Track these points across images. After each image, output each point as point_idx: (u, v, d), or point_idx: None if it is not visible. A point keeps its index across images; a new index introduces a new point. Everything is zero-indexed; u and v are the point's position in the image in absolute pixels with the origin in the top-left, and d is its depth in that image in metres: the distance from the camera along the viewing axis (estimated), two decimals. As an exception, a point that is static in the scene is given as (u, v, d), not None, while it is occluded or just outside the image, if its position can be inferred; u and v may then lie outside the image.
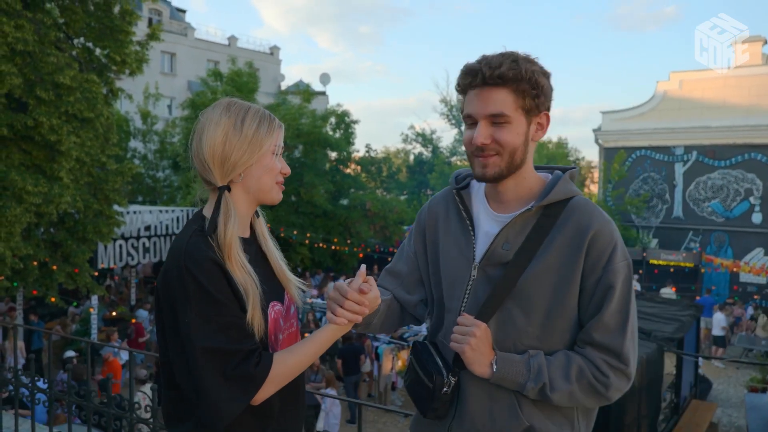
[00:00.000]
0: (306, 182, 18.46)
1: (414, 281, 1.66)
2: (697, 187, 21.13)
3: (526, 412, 1.42)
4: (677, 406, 8.60)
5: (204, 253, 1.33)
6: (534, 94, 1.39)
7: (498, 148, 1.40)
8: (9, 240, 8.42)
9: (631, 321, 1.39)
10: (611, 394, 1.37)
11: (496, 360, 1.40)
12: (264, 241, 1.55)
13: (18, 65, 8.40)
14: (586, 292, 1.39)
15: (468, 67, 1.41)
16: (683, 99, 21.28)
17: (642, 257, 19.35)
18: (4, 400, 4.65)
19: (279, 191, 1.50)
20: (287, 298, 1.54)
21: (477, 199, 1.55)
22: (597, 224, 1.39)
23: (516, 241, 1.44)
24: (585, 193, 27.41)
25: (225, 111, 1.41)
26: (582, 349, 1.40)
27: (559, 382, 1.37)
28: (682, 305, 9.59)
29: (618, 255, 1.38)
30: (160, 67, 28.43)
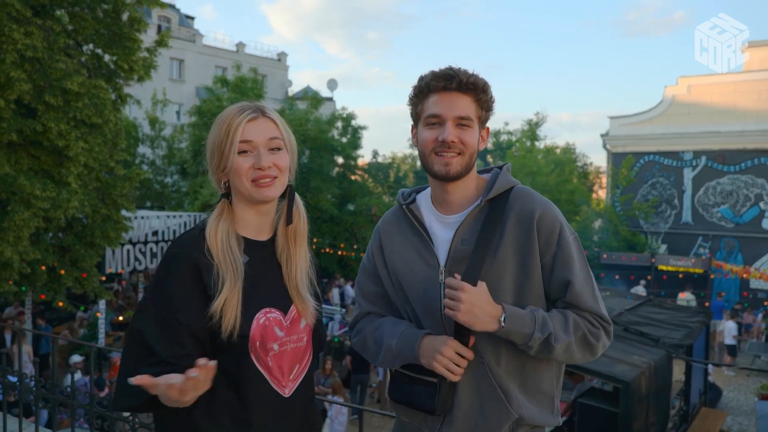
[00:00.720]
0: (312, 187, 18.50)
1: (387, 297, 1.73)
2: (707, 193, 20.98)
3: (515, 405, 1.50)
4: (686, 413, 8.51)
5: (184, 248, 1.36)
6: (488, 107, 1.57)
7: (462, 147, 1.53)
8: (17, 244, 8.47)
9: (596, 285, 1.56)
10: (599, 348, 1.52)
11: (504, 316, 1.45)
12: (286, 246, 1.49)
13: (27, 71, 8.47)
14: (546, 267, 1.52)
15: (442, 72, 1.54)
16: (692, 104, 21.16)
17: (650, 263, 19.22)
18: (12, 404, 4.66)
19: (259, 189, 1.40)
20: (294, 309, 1.47)
21: (426, 210, 1.66)
22: (540, 207, 1.53)
23: (472, 236, 1.54)
24: (593, 198, 27.30)
25: (213, 125, 1.45)
26: (567, 309, 1.52)
27: (560, 334, 1.46)
28: (691, 311, 9.51)
29: (566, 229, 1.54)
30: (168, 74, 28.61)
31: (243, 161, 1.39)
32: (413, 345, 1.51)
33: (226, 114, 1.42)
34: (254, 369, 1.38)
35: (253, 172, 1.39)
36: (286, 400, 1.43)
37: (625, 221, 21.26)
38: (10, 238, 8.31)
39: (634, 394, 6.24)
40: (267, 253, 1.47)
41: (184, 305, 1.32)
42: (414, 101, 1.60)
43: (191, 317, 1.32)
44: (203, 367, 1.15)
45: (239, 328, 1.34)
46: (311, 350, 1.52)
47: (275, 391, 1.41)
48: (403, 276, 1.62)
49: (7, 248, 8.27)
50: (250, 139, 1.39)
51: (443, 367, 1.45)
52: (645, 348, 7.21)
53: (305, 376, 1.49)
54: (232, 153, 1.38)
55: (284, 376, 1.43)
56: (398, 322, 1.62)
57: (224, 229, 1.39)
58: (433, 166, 1.54)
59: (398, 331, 1.57)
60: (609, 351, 6.82)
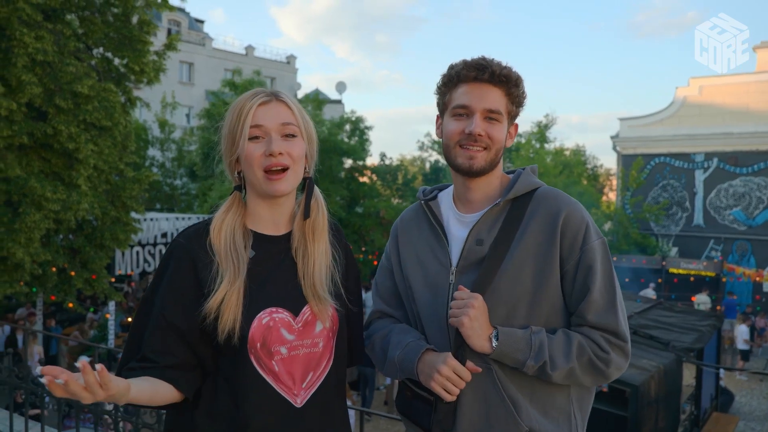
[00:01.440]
0: (321, 189, 18.49)
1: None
2: (719, 195, 20.78)
3: (524, 416, 1.40)
4: (697, 418, 8.42)
5: (184, 246, 1.32)
6: (519, 102, 1.50)
7: (488, 142, 1.45)
8: (28, 246, 8.55)
9: (619, 297, 1.42)
10: (611, 372, 1.38)
11: (497, 334, 1.37)
12: (303, 242, 1.39)
13: (38, 75, 8.55)
14: (567, 275, 1.42)
15: (474, 62, 1.46)
16: (703, 105, 20.98)
17: (661, 266, 19.06)
18: (19, 404, 4.69)
19: (269, 183, 1.32)
20: (308, 311, 1.35)
21: (445, 207, 1.59)
22: (566, 208, 1.43)
23: (489, 237, 1.46)
24: (603, 201, 27.15)
25: (226, 113, 1.39)
26: (580, 329, 1.41)
27: (560, 360, 1.36)
28: (702, 315, 9.41)
29: (592, 233, 1.43)
30: (178, 77, 28.79)
31: (254, 148, 1.30)
32: (413, 360, 1.43)
33: (239, 99, 1.35)
34: (255, 373, 1.28)
35: (264, 159, 1.30)
36: (297, 411, 1.31)
37: (635, 224, 21.08)
38: (22, 240, 8.39)
39: (644, 398, 6.18)
40: (279, 248, 1.37)
41: (172, 302, 1.27)
42: (442, 90, 1.52)
43: (178, 316, 1.27)
44: (84, 368, 1.02)
45: (239, 330, 1.25)
46: (331, 357, 1.39)
47: (284, 399, 1.30)
48: (413, 274, 1.55)
49: (19, 249, 8.34)
50: (260, 123, 1.30)
51: (439, 387, 1.37)
52: (654, 351, 7.15)
53: (322, 384, 1.36)
54: (243, 139, 1.30)
55: (295, 383, 1.31)
56: (407, 331, 1.54)
57: (230, 223, 1.32)
58: (457, 159, 1.47)
59: (404, 342, 1.48)
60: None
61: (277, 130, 1.31)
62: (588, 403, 1.50)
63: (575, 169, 22.55)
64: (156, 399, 1.25)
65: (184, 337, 1.28)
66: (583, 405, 1.49)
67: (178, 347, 1.28)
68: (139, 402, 1.21)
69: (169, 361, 1.26)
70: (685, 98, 21.48)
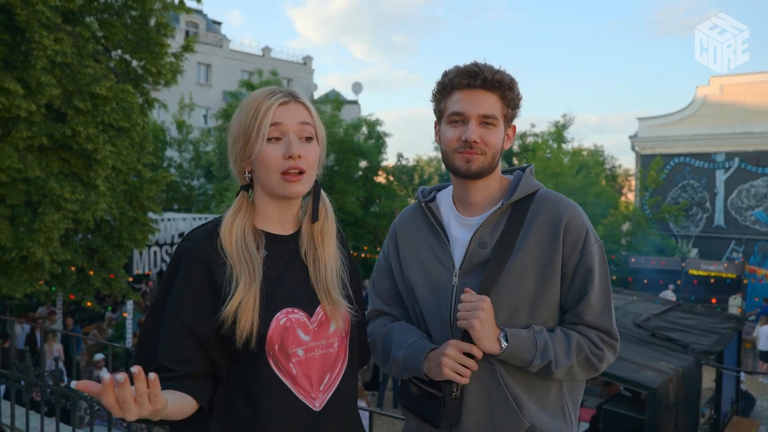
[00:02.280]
0: (337, 189, 18.56)
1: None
2: (740, 195, 20.45)
3: (526, 413, 1.45)
4: (717, 422, 8.28)
5: (195, 247, 1.26)
6: (514, 105, 1.51)
7: (484, 148, 1.48)
8: (48, 245, 8.67)
9: (611, 299, 1.50)
10: (603, 366, 1.49)
11: (506, 335, 1.41)
12: (312, 246, 1.37)
13: (57, 77, 8.67)
14: (566, 276, 1.47)
15: (467, 69, 1.49)
16: (724, 104, 20.66)
17: (680, 267, 18.79)
18: (35, 402, 4.75)
19: (286, 185, 1.28)
20: (322, 312, 1.32)
21: (445, 209, 1.61)
22: (568, 212, 1.48)
23: (492, 239, 1.49)
24: (622, 201, 26.86)
25: (237, 109, 1.34)
26: (575, 327, 1.48)
27: (562, 359, 1.43)
28: (722, 317, 9.27)
29: (591, 238, 1.49)
30: (195, 78, 29.06)
31: (273, 149, 1.26)
32: (419, 359, 1.46)
33: (254, 96, 1.30)
34: (273, 377, 1.23)
35: (283, 162, 1.26)
36: (316, 415, 1.27)
37: (654, 224, 20.83)
38: (41, 239, 8.51)
39: (662, 401, 6.09)
40: (288, 248, 1.34)
41: (188, 306, 1.21)
42: (437, 98, 1.55)
43: (195, 320, 1.21)
44: (138, 375, 0.94)
45: (257, 332, 1.21)
46: (346, 358, 1.36)
47: (302, 404, 1.26)
48: (415, 275, 1.57)
49: (38, 249, 8.47)
50: (280, 121, 1.26)
51: (451, 370, 1.40)
52: (673, 354, 7.05)
53: (339, 387, 1.32)
54: (261, 139, 1.25)
55: (313, 386, 1.28)
56: (408, 330, 1.56)
57: (240, 225, 1.27)
58: (455, 163, 1.50)
59: (407, 342, 1.50)
60: (635, 357, 6.68)
61: (295, 131, 1.28)
62: (579, 394, 1.57)
63: (593, 169, 22.33)
64: (183, 412, 1.19)
65: (202, 342, 1.23)
66: (574, 396, 1.56)
67: (196, 354, 1.22)
68: (171, 417, 1.14)
69: (188, 369, 1.21)
70: (706, 97, 21.17)
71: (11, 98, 8.01)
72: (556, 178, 19.59)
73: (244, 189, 1.33)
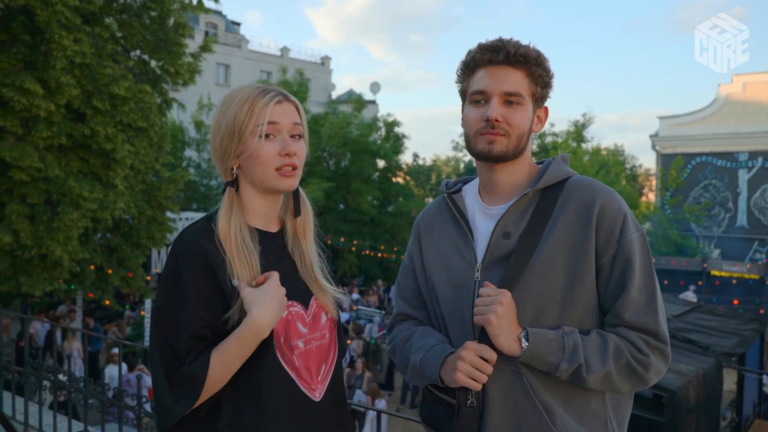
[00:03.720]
0: (353, 190, 18.58)
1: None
2: (763, 195, 20.06)
3: (558, 423, 1.28)
4: (738, 425, 8.12)
5: (194, 242, 1.25)
6: (545, 83, 1.39)
7: (507, 128, 1.36)
8: (67, 244, 8.79)
9: (659, 294, 1.32)
10: (650, 376, 1.28)
11: (527, 335, 1.27)
12: (296, 241, 1.40)
13: (76, 77, 8.79)
14: (603, 270, 1.31)
15: (488, 44, 1.38)
16: (747, 102, 20.28)
17: (702, 268, 18.48)
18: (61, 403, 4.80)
19: (282, 179, 1.30)
20: (315, 303, 1.37)
21: (470, 200, 1.49)
22: (602, 197, 1.32)
23: (517, 229, 1.36)
24: (642, 201, 26.50)
25: (221, 102, 1.34)
26: (615, 329, 1.30)
27: (595, 363, 1.25)
28: (745, 318, 9.09)
29: (630, 225, 1.32)
30: (215, 78, 29.27)
31: (269, 146, 1.28)
32: (437, 364, 1.34)
33: (245, 93, 1.30)
34: (280, 369, 1.26)
35: (278, 159, 1.28)
36: (317, 405, 1.30)
37: (675, 224, 20.52)
38: (60, 238, 8.63)
39: (681, 403, 5.98)
40: (277, 245, 1.37)
41: (203, 305, 1.21)
42: (461, 77, 1.44)
43: (212, 317, 1.22)
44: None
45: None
46: (336, 348, 1.40)
47: (305, 396, 1.29)
48: (436, 272, 1.46)
49: (57, 247, 8.59)
50: (277, 121, 1.29)
51: (465, 375, 1.27)
52: (693, 356, 6.92)
53: (333, 376, 1.37)
54: (256, 136, 1.27)
55: (313, 378, 1.31)
56: (430, 334, 1.44)
57: (237, 222, 1.27)
58: (477, 146, 1.37)
59: (426, 346, 1.40)
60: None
61: (288, 130, 1.31)
62: (625, 409, 1.39)
63: (613, 168, 22.09)
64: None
65: (219, 338, 1.23)
66: (620, 411, 1.37)
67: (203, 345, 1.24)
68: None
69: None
70: (728, 96, 20.81)
71: (31, 98, 8.14)
72: (576, 176, 19.43)
73: (230, 185, 1.34)
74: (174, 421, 1.20)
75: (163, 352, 1.20)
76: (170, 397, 1.18)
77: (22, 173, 8.45)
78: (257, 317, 1.18)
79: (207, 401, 1.22)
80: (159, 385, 1.20)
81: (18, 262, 8.92)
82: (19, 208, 8.71)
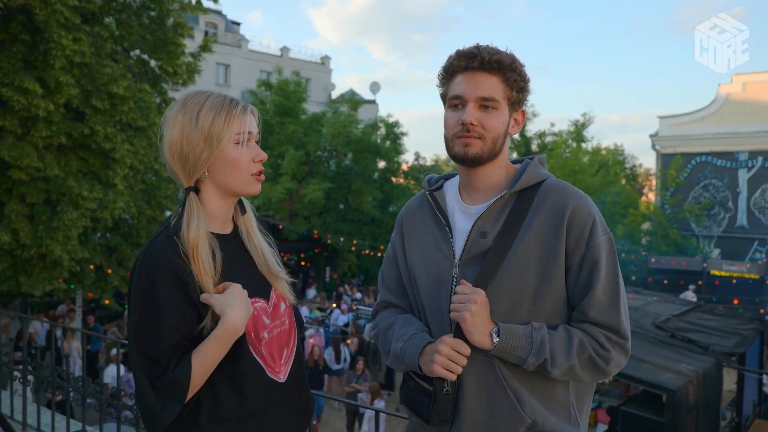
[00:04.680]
0: (354, 189, 18.57)
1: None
2: (763, 195, 20.06)
3: (528, 409, 1.39)
4: (738, 425, 8.12)
5: (163, 258, 1.29)
6: (520, 87, 1.45)
7: (482, 132, 1.43)
8: (66, 243, 8.78)
9: (622, 295, 1.41)
10: (611, 369, 1.39)
11: (498, 330, 1.36)
12: (248, 237, 1.48)
13: (75, 76, 8.78)
14: (572, 270, 1.40)
15: (465, 51, 1.45)
16: (747, 102, 20.28)
17: (702, 268, 18.48)
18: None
19: (254, 183, 1.41)
20: (275, 294, 1.47)
21: (451, 198, 1.57)
22: (574, 202, 1.41)
23: (493, 229, 1.44)
24: (642, 201, 26.50)
25: (181, 108, 1.36)
26: (580, 325, 1.40)
27: (560, 358, 1.35)
28: (744, 318, 9.09)
29: (598, 229, 1.40)
30: (214, 78, 29.26)
31: (247, 153, 1.38)
32: (416, 353, 1.44)
33: (214, 101, 1.35)
34: (253, 361, 1.37)
35: (253, 165, 1.39)
36: (282, 386, 1.42)
37: (674, 224, 20.51)
38: (60, 238, 8.62)
39: (681, 403, 5.98)
40: (233, 245, 1.44)
41: (179, 316, 1.28)
42: (441, 82, 1.51)
43: (189, 327, 1.30)
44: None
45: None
46: (294, 330, 1.52)
47: (271, 379, 1.40)
48: (417, 266, 1.54)
49: (57, 247, 8.58)
50: (251, 130, 1.39)
51: (441, 367, 1.37)
52: (693, 356, 6.92)
53: (295, 358, 1.49)
54: (235, 144, 1.36)
55: (276, 362, 1.43)
56: (411, 322, 1.54)
57: (202, 231, 1.34)
58: (454, 148, 1.45)
59: (406, 334, 1.50)
60: (654, 358, 6.57)
61: (255, 137, 1.42)
62: (587, 395, 1.50)
63: (612, 168, 22.08)
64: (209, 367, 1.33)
65: (194, 345, 1.32)
66: (582, 397, 1.48)
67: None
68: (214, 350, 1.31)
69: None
70: (728, 95, 20.81)
71: (30, 98, 8.13)
72: (575, 176, 19.42)
73: (192, 190, 1.37)
74: (164, 426, 1.27)
75: (146, 364, 1.27)
76: (159, 404, 1.26)
77: (21, 173, 8.45)
78: (232, 317, 1.28)
79: (189, 401, 1.29)
80: (146, 393, 1.27)
81: (17, 261, 8.91)
82: (18, 208, 8.70)
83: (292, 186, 17.74)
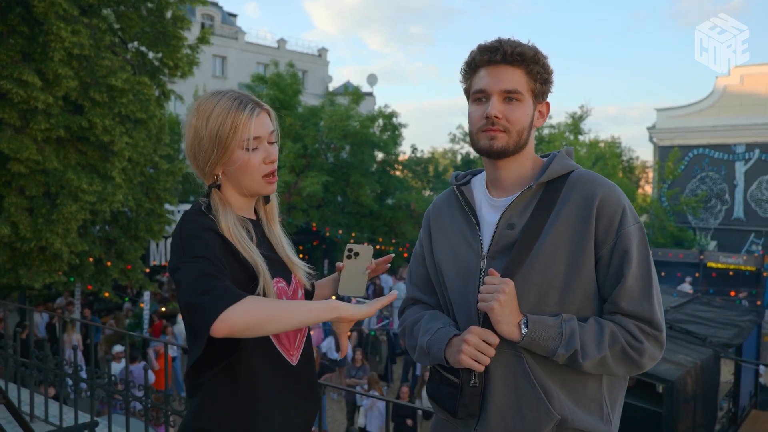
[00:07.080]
0: (352, 182, 18.56)
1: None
2: (760, 187, 20.13)
3: (556, 404, 1.36)
4: (735, 415, 8.19)
5: (207, 220, 1.35)
6: (544, 79, 1.45)
7: (507, 125, 1.43)
8: (66, 236, 8.78)
9: (655, 284, 1.38)
10: (645, 362, 1.35)
11: (527, 321, 1.34)
12: (269, 227, 1.54)
13: (74, 69, 8.74)
14: (602, 260, 1.37)
15: (487, 45, 1.46)
16: (745, 94, 20.31)
17: (699, 260, 18.55)
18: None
19: (267, 185, 1.44)
20: (294, 280, 1.52)
21: (478, 192, 1.57)
22: (602, 191, 1.39)
23: (521, 221, 1.44)
24: (639, 193, 26.55)
25: (195, 112, 1.41)
26: (612, 317, 1.37)
27: (591, 349, 1.32)
28: (742, 310, 9.15)
29: (629, 218, 1.38)
30: (211, 71, 29.13)
31: (255, 157, 1.40)
32: (442, 345, 1.42)
33: (223, 106, 1.38)
34: (270, 343, 1.41)
35: (264, 167, 1.41)
36: (294, 369, 1.45)
37: (672, 216, 20.58)
38: (59, 230, 8.62)
39: (679, 394, 6.03)
40: (258, 230, 1.50)
41: (222, 256, 1.31)
42: (464, 77, 1.52)
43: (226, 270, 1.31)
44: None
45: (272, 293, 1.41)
46: None
47: (286, 361, 1.43)
48: (445, 260, 1.54)
49: (56, 240, 8.58)
50: (259, 135, 1.40)
51: (469, 357, 1.35)
52: (691, 347, 6.96)
53: (305, 344, 1.52)
54: (242, 149, 1.38)
55: (291, 344, 1.46)
56: (437, 317, 1.53)
57: (233, 218, 1.40)
58: (479, 142, 1.45)
59: (433, 328, 1.48)
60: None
61: (267, 138, 1.42)
62: (620, 392, 1.47)
63: (609, 161, 22.10)
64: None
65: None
66: (614, 394, 1.45)
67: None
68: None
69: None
70: (726, 88, 20.83)
71: (29, 90, 8.10)
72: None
73: (215, 187, 1.43)
74: (214, 318, 1.18)
75: (200, 279, 1.23)
76: (211, 301, 1.20)
77: (20, 165, 8.43)
78: (344, 310, 1.31)
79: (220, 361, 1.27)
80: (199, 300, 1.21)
81: (17, 254, 8.91)
82: (17, 201, 8.69)
83: (290, 179, 17.73)
